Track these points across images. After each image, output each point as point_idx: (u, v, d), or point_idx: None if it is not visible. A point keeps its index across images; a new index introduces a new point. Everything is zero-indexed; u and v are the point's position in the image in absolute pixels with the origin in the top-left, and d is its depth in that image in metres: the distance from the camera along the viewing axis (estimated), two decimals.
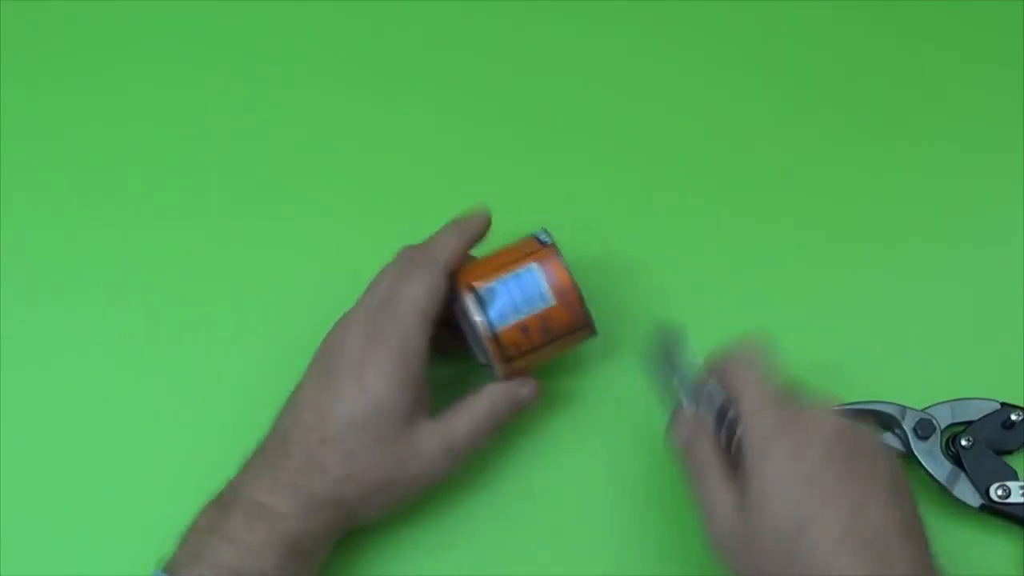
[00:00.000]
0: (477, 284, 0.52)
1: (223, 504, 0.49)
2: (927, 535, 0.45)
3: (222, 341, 0.60)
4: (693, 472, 0.48)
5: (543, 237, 0.54)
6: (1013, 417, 0.55)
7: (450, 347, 0.54)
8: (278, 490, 0.48)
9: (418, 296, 0.50)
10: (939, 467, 0.54)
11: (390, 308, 0.50)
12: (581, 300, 0.52)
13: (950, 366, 0.58)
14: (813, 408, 0.47)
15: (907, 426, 0.54)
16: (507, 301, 0.52)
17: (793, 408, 0.46)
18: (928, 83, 0.66)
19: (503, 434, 0.55)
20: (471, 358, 0.55)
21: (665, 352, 0.51)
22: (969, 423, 0.55)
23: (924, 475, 0.54)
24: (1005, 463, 0.54)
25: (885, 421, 0.55)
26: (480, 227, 0.54)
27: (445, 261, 0.52)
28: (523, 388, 0.53)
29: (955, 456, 0.54)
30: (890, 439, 0.55)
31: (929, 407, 0.55)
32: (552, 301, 0.52)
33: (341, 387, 0.49)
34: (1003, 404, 0.55)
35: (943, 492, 0.54)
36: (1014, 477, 0.53)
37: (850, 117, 0.65)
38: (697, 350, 0.51)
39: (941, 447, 0.54)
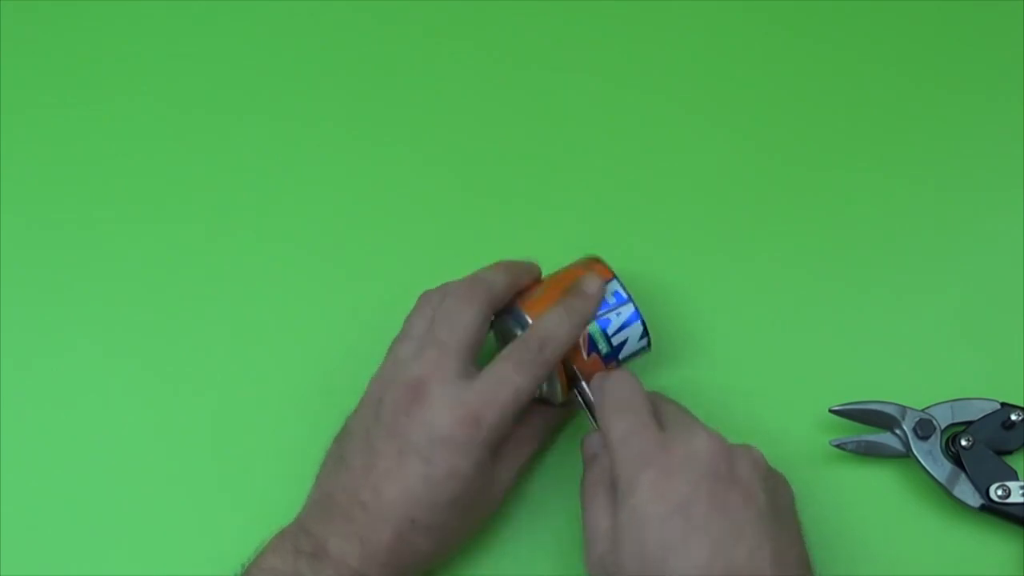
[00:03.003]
0: None
1: (304, 554, 0.47)
2: (808, 564, 0.45)
3: (222, 342, 0.60)
4: (584, 490, 0.48)
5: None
6: (1013, 417, 0.55)
7: None
8: (373, 564, 0.47)
9: (523, 391, 0.49)
10: (939, 467, 0.54)
11: (487, 390, 0.48)
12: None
13: (950, 366, 0.58)
14: (689, 437, 0.46)
15: (907, 426, 0.54)
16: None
17: (663, 438, 0.46)
18: (928, 82, 0.66)
19: None
20: None
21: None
22: (969, 423, 0.55)
23: (924, 475, 0.54)
24: (1005, 463, 0.53)
25: (885, 421, 0.55)
26: (531, 276, 0.54)
27: (555, 362, 0.51)
28: (563, 417, 0.56)
29: (955, 456, 0.54)
30: (890, 439, 0.55)
31: (929, 407, 0.55)
32: None
33: (430, 471, 0.47)
34: (1003, 404, 0.55)
35: (943, 492, 0.54)
36: (1014, 477, 0.53)
37: (851, 116, 0.65)
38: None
39: (941, 447, 0.54)
